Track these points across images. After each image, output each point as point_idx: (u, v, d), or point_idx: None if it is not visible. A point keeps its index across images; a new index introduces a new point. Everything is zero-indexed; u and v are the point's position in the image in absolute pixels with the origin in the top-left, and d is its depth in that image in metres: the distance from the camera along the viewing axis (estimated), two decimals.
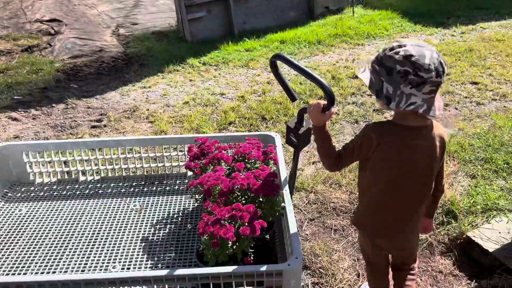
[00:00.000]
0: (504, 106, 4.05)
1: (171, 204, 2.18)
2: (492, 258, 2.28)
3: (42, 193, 2.28)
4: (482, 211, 2.63)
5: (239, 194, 1.81)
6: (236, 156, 1.98)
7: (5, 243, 1.94)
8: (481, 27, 6.42)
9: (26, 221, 2.08)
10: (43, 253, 1.88)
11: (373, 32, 6.34)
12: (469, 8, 7.33)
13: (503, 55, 5.24)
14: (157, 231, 2.01)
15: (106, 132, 3.99)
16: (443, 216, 2.65)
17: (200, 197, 1.95)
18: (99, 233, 2.00)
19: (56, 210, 2.15)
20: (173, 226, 2.04)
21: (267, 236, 1.88)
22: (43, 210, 2.15)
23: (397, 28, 6.50)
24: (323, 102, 1.62)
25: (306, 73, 1.78)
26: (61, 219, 2.09)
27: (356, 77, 4.85)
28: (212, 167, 1.93)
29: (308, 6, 7.22)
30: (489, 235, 2.39)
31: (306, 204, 2.88)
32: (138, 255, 1.87)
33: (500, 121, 3.67)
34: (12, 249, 1.91)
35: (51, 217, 2.10)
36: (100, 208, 2.17)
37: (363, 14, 7.12)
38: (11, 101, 4.65)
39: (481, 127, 3.63)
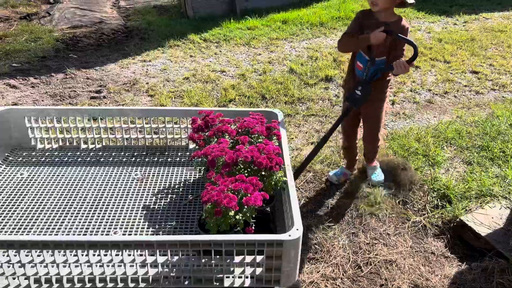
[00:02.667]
0: (503, 96, 4.09)
1: (172, 175, 2.20)
2: (483, 242, 2.35)
3: (43, 159, 2.28)
4: (476, 197, 2.68)
5: (242, 166, 1.83)
6: (240, 130, 1.99)
7: (7, 206, 1.95)
8: (483, 17, 6.41)
9: (28, 185, 2.09)
10: (45, 216, 1.89)
11: None
12: None
13: (505, 46, 5.25)
14: (158, 200, 2.03)
15: (106, 103, 3.97)
16: (438, 199, 2.70)
17: (203, 168, 1.97)
18: (100, 200, 2.02)
19: (57, 175, 2.16)
20: (174, 196, 2.06)
21: (268, 209, 1.91)
22: (44, 175, 2.16)
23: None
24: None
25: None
26: (62, 184, 2.10)
27: None
28: (216, 139, 1.94)
29: None
30: (482, 220, 2.45)
31: (303, 182, 2.92)
32: (139, 222, 1.89)
33: (498, 110, 3.71)
34: (14, 211, 1.92)
35: (53, 182, 2.11)
36: (101, 175, 2.18)
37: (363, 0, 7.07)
38: (9, 69, 4.61)
39: (479, 116, 3.67)
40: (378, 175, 2.85)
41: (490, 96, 4.11)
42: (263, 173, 1.82)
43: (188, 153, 2.36)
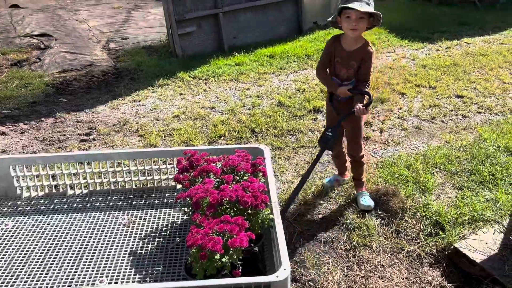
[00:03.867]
0: (489, 119, 4.14)
1: (159, 218, 2.17)
2: (479, 269, 2.31)
3: (29, 207, 2.25)
4: (469, 222, 2.66)
5: (227, 206, 1.81)
6: (225, 169, 1.99)
7: None
8: (465, 42, 6.57)
9: (13, 235, 2.05)
10: (29, 267, 1.85)
11: None
12: (454, 24, 7.52)
13: (487, 69, 5.36)
14: (145, 245, 1.99)
15: (95, 146, 3.98)
16: (431, 227, 2.68)
17: (189, 209, 1.95)
18: (86, 247, 1.98)
19: (43, 224, 2.13)
20: (161, 239, 2.03)
21: (256, 249, 1.88)
22: (30, 225, 2.12)
23: (384, 43, 6.63)
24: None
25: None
26: (48, 233, 2.06)
27: None
28: (201, 179, 1.94)
29: (297, 22, 7.34)
30: (476, 246, 2.42)
31: (296, 216, 2.89)
32: (126, 269, 1.85)
33: (485, 133, 3.74)
34: None
35: (38, 232, 2.08)
36: (87, 222, 2.15)
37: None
38: None
39: (467, 140, 3.70)
40: (367, 200, 2.88)
41: (477, 119, 4.16)
42: (249, 211, 1.81)
43: (175, 194, 2.34)
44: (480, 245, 2.42)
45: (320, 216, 2.88)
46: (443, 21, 7.71)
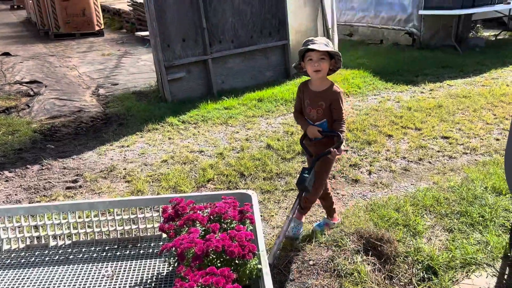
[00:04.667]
0: (475, 160, 4.18)
1: (144, 269, 2.10)
2: None
3: (9, 261, 2.17)
4: (462, 266, 2.62)
5: (214, 256, 1.77)
6: (211, 217, 1.96)
7: None
8: (447, 84, 6.77)
9: None
10: None
11: (347, 90, 6.60)
12: (436, 67, 7.77)
13: (470, 110, 5.49)
14: None
15: (81, 193, 3.91)
16: (423, 272, 2.63)
17: (174, 261, 1.89)
18: None
19: (22, 278, 2.04)
20: None
21: None
22: (8, 279, 2.04)
23: (369, 86, 6.80)
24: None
25: None
26: None
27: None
28: (186, 228, 1.90)
29: (284, 66, 7.52)
30: None
31: (286, 263, 2.82)
32: None
33: (472, 174, 3.77)
34: None
35: (17, 287, 1.99)
36: (70, 275, 2.07)
37: (337, 73, 7.43)
38: None
39: (454, 181, 3.71)
40: (325, 226, 3.10)
41: (463, 160, 4.21)
42: (236, 261, 1.76)
43: (161, 243, 2.28)
44: None
45: (311, 262, 2.82)
46: (426, 64, 7.97)
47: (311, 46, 2.57)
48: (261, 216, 3.27)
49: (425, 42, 9.37)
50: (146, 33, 10.54)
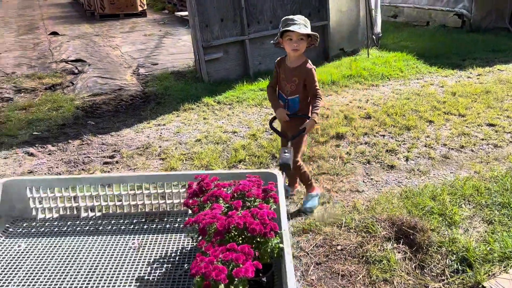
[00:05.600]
0: None
1: (169, 243, 2.13)
2: None
3: (42, 229, 2.26)
4: (500, 260, 2.48)
5: (236, 233, 1.75)
6: (235, 194, 1.94)
7: (1, 279, 1.91)
8: (498, 69, 6.37)
9: (24, 257, 2.05)
10: None
11: (388, 73, 6.36)
12: (486, 51, 7.32)
13: None
14: (153, 271, 1.95)
15: (117, 168, 4.02)
16: (457, 263, 2.51)
17: (196, 236, 1.90)
18: (95, 271, 1.95)
19: (54, 246, 2.12)
20: (169, 265, 1.98)
21: (264, 279, 1.79)
22: (42, 246, 2.12)
23: (412, 70, 6.51)
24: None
25: None
26: (58, 256, 2.05)
27: (369, 117, 4.81)
28: (210, 204, 1.89)
29: (323, 48, 7.34)
30: (507, 286, 2.24)
31: (313, 247, 2.78)
32: None
33: None
34: (7, 285, 1.87)
35: (49, 254, 2.07)
36: (98, 245, 2.13)
37: (378, 56, 7.18)
38: (29, 137, 4.78)
39: (498, 170, 3.51)
40: (310, 202, 3.08)
41: (510, 149, 3.95)
42: (258, 239, 1.74)
43: (187, 218, 2.30)
44: (511, 286, 2.24)
45: (339, 247, 2.76)
46: (475, 48, 7.53)
47: (291, 28, 2.66)
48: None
49: (475, 24, 8.83)
50: (186, 13, 10.60)
